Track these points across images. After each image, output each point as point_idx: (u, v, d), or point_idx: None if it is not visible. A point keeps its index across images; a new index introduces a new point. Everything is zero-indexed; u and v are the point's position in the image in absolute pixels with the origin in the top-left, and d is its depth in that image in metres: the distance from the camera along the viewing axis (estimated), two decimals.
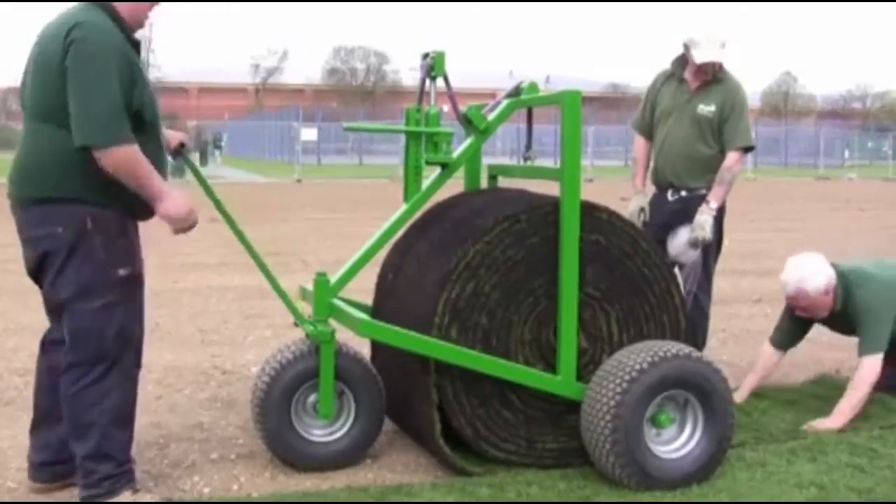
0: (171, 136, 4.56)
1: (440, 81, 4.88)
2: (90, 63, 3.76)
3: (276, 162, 51.52)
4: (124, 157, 3.80)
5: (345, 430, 4.69)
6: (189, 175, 4.55)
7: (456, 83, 4.88)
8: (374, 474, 4.62)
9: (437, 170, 4.95)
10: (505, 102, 5.01)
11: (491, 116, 4.92)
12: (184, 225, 4.00)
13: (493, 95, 5.39)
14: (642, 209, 6.02)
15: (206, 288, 10.04)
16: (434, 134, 4.79)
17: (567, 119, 4.53)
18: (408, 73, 70.36)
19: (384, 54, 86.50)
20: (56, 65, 3.80)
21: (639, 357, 4.35)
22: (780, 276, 5.51)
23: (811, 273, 5.40)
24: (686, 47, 5.86)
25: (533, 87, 5.03)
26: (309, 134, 49.13)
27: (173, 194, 3.95)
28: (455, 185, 5.16)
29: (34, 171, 3.93)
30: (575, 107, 4.55)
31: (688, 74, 5.96)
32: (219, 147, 53.84)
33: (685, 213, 5.84)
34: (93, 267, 3.91)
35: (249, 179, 36.83)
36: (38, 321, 4.75)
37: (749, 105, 6.03)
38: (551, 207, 4.55)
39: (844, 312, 5.49)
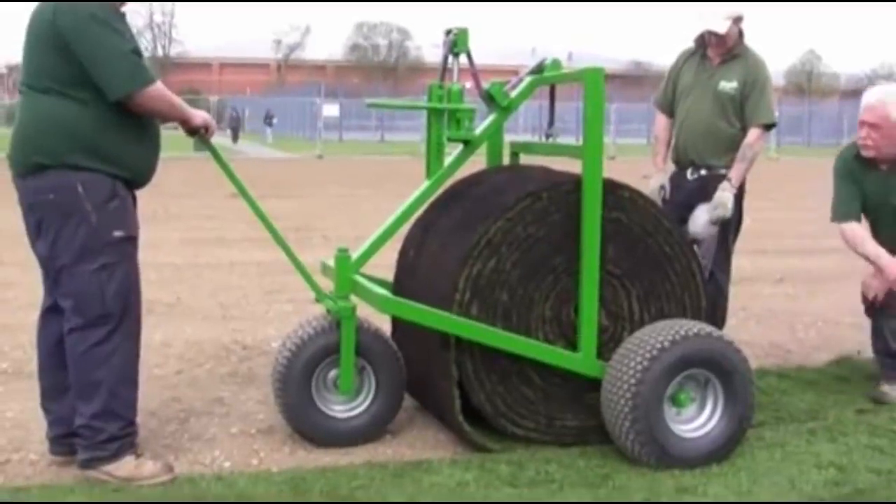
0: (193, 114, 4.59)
1: (463, 58, 4.86)
2: (90, 25, 3.92)
3: (298, 138, 51.51)
4: (158, 93, 4.07)
5: (365, 405, 4.70)
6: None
7: (479, 60, 4.86)
8: (394, 450, 4.63)
9: (460, 147, 4.94)
10: (528, 79, 4.98)
11: (513, 93, 4.90)
12: (213, 129, 4.41)
13: (515, 72, 5.37)
14: (662, 187, 5.97)
15: (227, 263, 10.06)
16: (456, 111, 4.78)
17: (590, 96, 4.51)
18: (430, 50, 70.22)
19: (407, 30, 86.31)
20: (46, 39, 3.96)
21: (660, 335, 4.34)
22: (864, 95, 5.63)
23: None
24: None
25: (556, 64, 5.00)
26: (331, 110, 49.07)
27: (197, 110, 4.35)
28: (477, 163, 5.15)
29: (27, 141, 4.05)
30: (598, 84, 4.53)
31: (709, 51, 5.91)
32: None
33: (704, 191, 5.78)
34: (88, 230, 4.01)
35: (271, 155, 36.88)
36: None
37: (773, 82, 5.96)
38: (573, 185, 4.54)
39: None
